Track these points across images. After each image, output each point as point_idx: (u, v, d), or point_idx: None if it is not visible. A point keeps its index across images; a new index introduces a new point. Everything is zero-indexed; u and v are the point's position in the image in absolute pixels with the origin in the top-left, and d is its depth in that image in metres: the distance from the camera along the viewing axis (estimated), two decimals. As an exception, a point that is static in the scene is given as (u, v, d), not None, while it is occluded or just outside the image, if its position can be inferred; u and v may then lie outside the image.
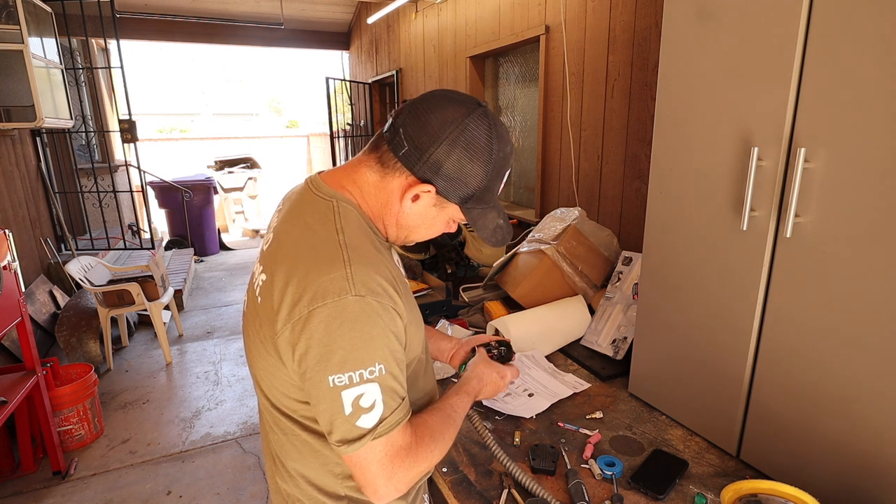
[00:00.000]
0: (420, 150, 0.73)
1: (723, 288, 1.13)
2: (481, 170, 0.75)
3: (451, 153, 0.73)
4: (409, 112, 0.75)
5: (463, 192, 0.76)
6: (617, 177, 2.33)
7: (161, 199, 6.65)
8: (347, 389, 0.67)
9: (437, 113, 0.73)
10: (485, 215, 0.81)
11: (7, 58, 3.29)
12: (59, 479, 2.45)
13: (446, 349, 1.13)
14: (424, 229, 0.83)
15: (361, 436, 0.68)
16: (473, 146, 0.73)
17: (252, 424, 2.93)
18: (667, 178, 1.25)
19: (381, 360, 0.69)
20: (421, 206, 0.78)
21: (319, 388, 0.68)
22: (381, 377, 0.69)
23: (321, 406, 0.69)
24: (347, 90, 6.42)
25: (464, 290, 2.21)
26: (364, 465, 0.70)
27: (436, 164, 0.73)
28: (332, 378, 0.67)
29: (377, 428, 0.69)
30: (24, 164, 3.95)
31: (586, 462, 1.15)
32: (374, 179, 0.78)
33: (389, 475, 0.70)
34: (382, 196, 0.78)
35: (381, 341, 0.69)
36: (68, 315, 3.44)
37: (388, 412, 0.70)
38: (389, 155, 0.76)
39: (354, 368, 0.67)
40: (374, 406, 0.68)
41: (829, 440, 0.97)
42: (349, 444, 0.69)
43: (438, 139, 0.72)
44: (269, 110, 18.33)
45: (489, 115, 0.75)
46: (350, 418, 0.68)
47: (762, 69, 0.99)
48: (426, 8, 4.25)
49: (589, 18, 2.39)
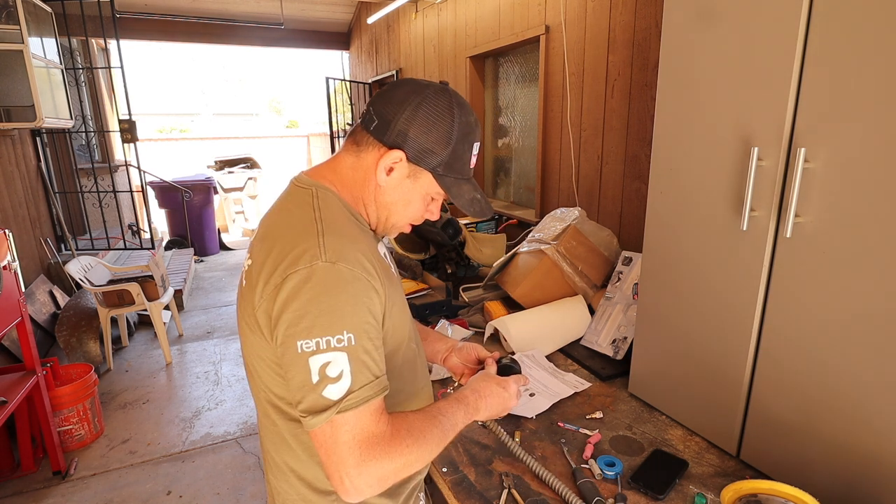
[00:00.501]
0: (387, 122, 0.78)
1: (723, 288, 1.13)
2: (444, 134, 0.79)
3: (414, 118, 0.77)
4: (379, 94, 0.82)
5: (432, 159, 0.80)
6: (617, 177, 2.33)
7: (161, 199, 6.65)
8: (315, 356, 0.67)
9: (401, 89, 0.80)
10: (458, 185, 0.84)
11: (7, 58, 3.29)
12: (59, 479, 2.45)
13: (441, 350, 1.10)
14: (402, 206, 0.84)
15: (327, 407, 0.66)
16: (435, 112, 0.78)
17: (252, 424, 2.93)
18: (667, 178, 1.25)
19: (350, 329, 0.68)
20: (395, 178, 0.81)
21: (289, 354, 0.68)
22: (350, 347, 0.68)
23: (290, 374, 0.69)
24: (347, 90, 6.42)
25: (464, 290, 2.21)
26: (330, 446, 0.67)
27: (402, 132, 0.78)
28: (301, 343, 0.67)
29: (342, 401, 0.67)
30: (24, 164, 3.95)
31: (586, 462, 1.15)
32: (350, 161, 0.83)
33: (358, 463, 0.66)
34: (359, 175, 0.82)
35: (350, 309, 0.69)
36: (68, 315, 3.44)
37: (357, 386, 0.68)
38: (363, 133, 0.81)
39: (322, 335, 0.67)
40: (340, 376, 0.67)
41: (830, 440, 0.97)
42: (314, 416, 0.67)
43: (403, 108, 0.78)
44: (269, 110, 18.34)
45: (449, 90, 0.81)
46: (316, 387, 0.67)
47: (762, 69, 0.99)
48: (426, 8, 4.25)
49: (589, 18, 2.39)
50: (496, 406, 0.88)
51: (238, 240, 8.03)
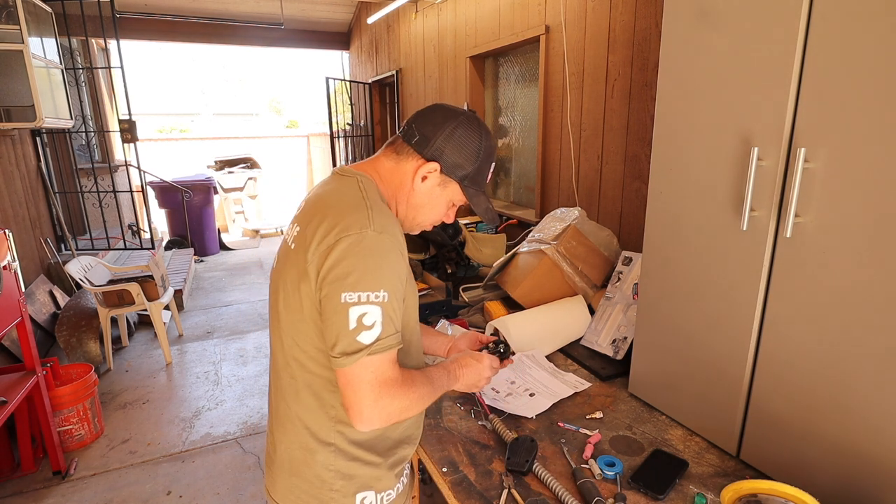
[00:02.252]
0: (428, 138, 0.94)
1: (723, 288, 1.13)
2: (473, 155, 0.96)
3: (450, 140, 0.94)
4: (418, 115, 0.98)
5: (461, 172, 0.96)
6: (617, 177, 2.33)
7: (161, 199, 6.65)
8: (355, 307, 0.80)
9: (439, 113, 0.97)
10: (477, 195, 1.00)
11: (7, 58, 3.29)
12: (59, 479, 2.45)
13: (443, 343, 1.25)
14: (429, 209, 0.99)
15: (359, 349, 0.80)
16: (467, 134, 0.95)
17: (252, 424, 2.93)
18: (667, 178, 1.25)
19: (386, 288, 0.82)
20: (428, 184, 0.96)
21: (332, 303, 0.81)
22: (385, 303, 0.81)
23: (331, 320, 0.82)
24: (347, 90, 6.42)
25: (464, 290, 2.21)
26: (356, 383, 0.81)
27: (440, 149, 0.94)
28: (345, 295, 0.80)
29: (373, 345, 0.80)
30: (24, 164, 3.95)
31: (586, 462, 1.15)
32: (390, 165, 0.97)
33: (376, 398, 0.81)
34: (397, 178, 0.97)
35: (389, 272, 0.83)
36: (68, 315, 3.44)
37: (385, 335, 0.82)
38: (404, 145, 0.97)
39: (364, 290, 0.80)
40: (374, 325, 0.80)
41: (829, 440, 0.97)
42: (348, 356, 0.80)
43: (441, 129, 0.94)
44: (269, 110, 18.32)
45: (477, 118, 0.99)
46: (353, 332, 0.80)
47: (762, 69, 0.99)
48: (426, 8, 4.25)
49: (589, 18, 2.39)
50: (472, 375, 1.05)
51: (238, 240, 8.02)
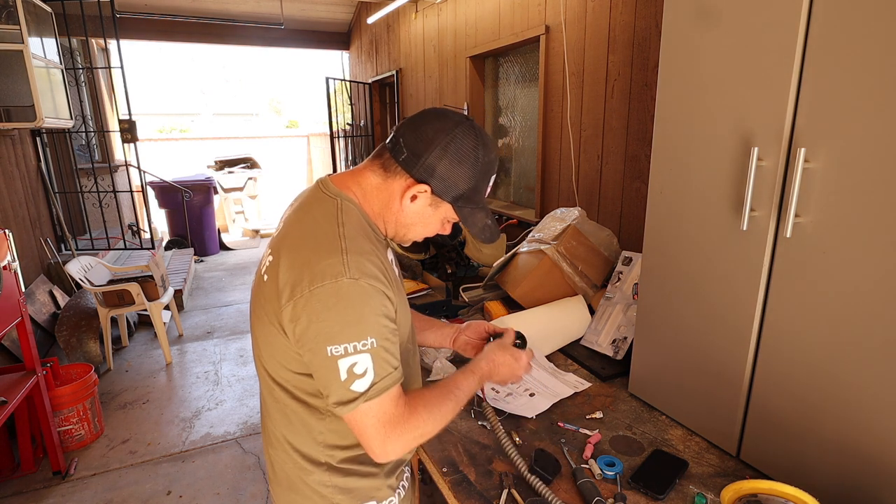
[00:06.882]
0: (417, 156, 0.85)
1: (723, 288, 1.13)
2: (469, 172, 0.86)
3: (443, 157, 0.84)
4: (408, 125, 0.87)
5: (454, 192, 0.87)
6: (617, 177, 2.33)
7: (161, 199, 6.65)
8: (343, 359, 0.77)
9: (431, 124, 0.85)
10: (474, 214, 0.92)
11: (7, 58, 3.29)
12: (59, 479, 2.45)
13: (448, 334, 1.22)
14: (421, 227, 0.93)
15: (355, 398, 0.78)
16: (462, 152, 0.85)
17: (252, 424, 2.93)
18: (667, 178, 1.25)
19: (372, 334, 0.79)
20: (418, 205, 0.88)
21: (319, 358, 0.79)
22: (373, 349, 0.79)
23: (320, 373, 0.80)
24: (347, 90, 6.42)
25: (464, 290, 2.21)
26: (361, 427, 0.81)
27: (430, 168, 0.85)
28: (330, 349, 0.77)
29: (369, 391, 0.79)
30: (24, 164, 3.95)
31: (586, 462, 1.15)
32: (376, 182, 0.89)
33: (383, 439, 0.81)
34: (384, 196, 0.89)
35: (372, 318, 0.79)
36: (68, 315, 3.44)
37: (379, 378, 0.79)
38: (391, 161, 0.87)
39: (349, 341, 0.77)
40: (366, 373, 0.78)
41: (830, 440, 0.97)
42: (345, 405, 0.79)
43: (432, 146, 0.84)
44: (269, 110, 18.33)
45: (475, 127, 0.87)
46: (345, 383, 0.78)
47: (762, 69, 0.99)
48: (426, 8, 4.25)
49: (589, 18, 2.39)
50: (507, 374, 1.03)
51: (238, 240, 8.02)
